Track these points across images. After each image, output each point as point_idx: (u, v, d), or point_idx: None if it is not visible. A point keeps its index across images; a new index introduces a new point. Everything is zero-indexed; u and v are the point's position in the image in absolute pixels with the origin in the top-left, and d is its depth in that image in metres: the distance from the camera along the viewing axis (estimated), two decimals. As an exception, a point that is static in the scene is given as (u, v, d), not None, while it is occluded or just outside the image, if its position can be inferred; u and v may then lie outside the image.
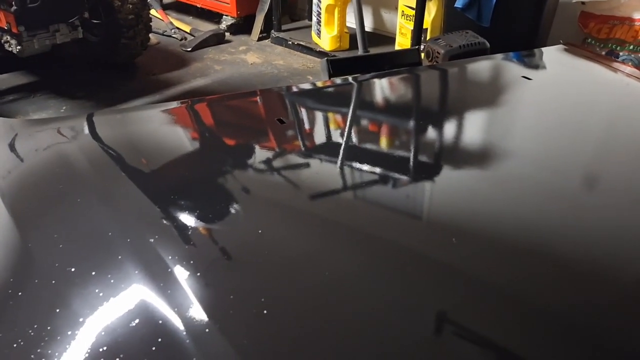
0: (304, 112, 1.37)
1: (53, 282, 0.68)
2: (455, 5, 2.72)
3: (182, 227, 0.78)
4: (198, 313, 0.62)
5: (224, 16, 4.32)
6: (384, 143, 1.19)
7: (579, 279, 0.74)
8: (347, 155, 1.08)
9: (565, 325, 0.66)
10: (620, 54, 2.81)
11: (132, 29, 3.25)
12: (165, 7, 4.87)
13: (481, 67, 1.71)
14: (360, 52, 1.68)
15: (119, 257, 0.70)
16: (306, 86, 1.62)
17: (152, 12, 4.64)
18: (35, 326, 0.63)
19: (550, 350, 0.61)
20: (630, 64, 2.74)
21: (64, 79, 3.32)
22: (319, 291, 0.68)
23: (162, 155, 1.05)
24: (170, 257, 0.70)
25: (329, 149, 1.13)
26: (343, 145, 1.13)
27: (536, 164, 1.09)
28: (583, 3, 2.97)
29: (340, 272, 0.72)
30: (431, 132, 1.25)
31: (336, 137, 1.21)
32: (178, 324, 0.61)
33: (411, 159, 1.10)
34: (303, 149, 1.11)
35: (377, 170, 1.01)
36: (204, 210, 0.83)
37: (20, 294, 0.68)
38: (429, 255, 0.78)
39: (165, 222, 0.80)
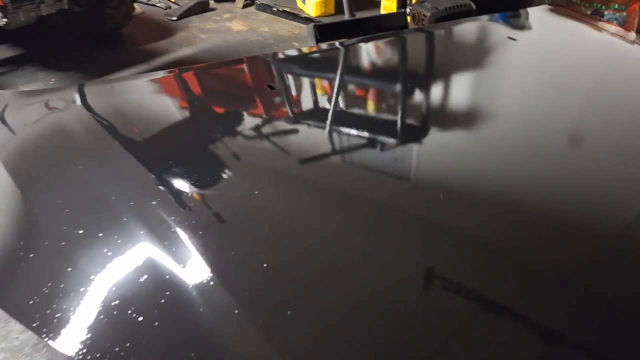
0: (293, 78, 1.39)
1: (63, 244, 0.73)
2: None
3: (182, 191, 0.82)
4: (202, 268, 0.67)
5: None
6: (373, 107, 1.22)
7: (564, 231, 0.77)
8: (338, 119, 1.11)
9: (550, 276, 0.70)
10: (605, 13, 2.83)
11: (116, 12, 3.22)
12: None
13: (466, 29, 1.73)
14: (346, 16, 1.69)
15: (124, 219, 0.75)
16: (294, 52, 1.64)
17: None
18: (49, 284, 0.67)
19: (537, 303, 0.64)
20: (615, 22, 2.77)
21: (51, 50, 3.29)
22: (314, 246, 0.73)
23: (155, 123, 1.08)
24: (172, 218, 0.74)
25: (319, 113, 1.16)
26: (334, 109, 1.16)
27: (522, 122, 1.12)
28: (568, -37, 2.97)
29: (332, 227, 0.76)
30: (418, 95, 1.29)
31: (326, 102, 1.25)
32: (184, 278, 0.65)
33: (399, 121, 1.13)
34: (294, 114, 1.14)
35: (367, 132, 1.05)
36: (201, 174, 0.86)
37: (32, 255, 0.72)
38: (417, 212, 0.81)
39: (164, 186, 0.84)
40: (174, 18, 3.91)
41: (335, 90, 1.28)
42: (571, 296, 0.66)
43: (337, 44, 1.51)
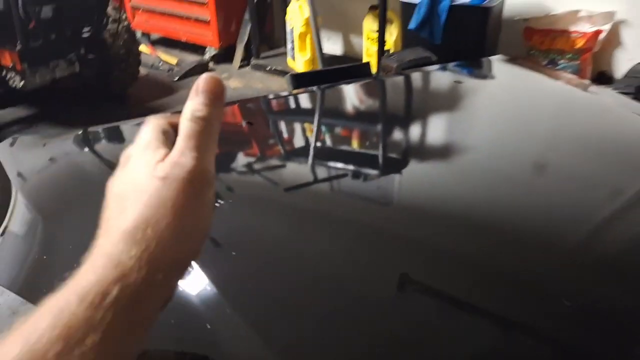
0: (272, 119, 1.66)
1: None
2: (409, 27, 3.07)
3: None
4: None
5: (207, 48, 4.66)
6: (344, 143, 1.46)
7: (524, 247, 0.88)
8: (314, 153, 1.29)
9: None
10: (560, 62, 3.16)
11: (124, 62, 3.57)
12: (153, 43, 5.22)
13: (422, 76, 2.03)
14: (320, 67, 1.99)
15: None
16: (273, 97, 1.93)
17: (142, 47, 4.99)
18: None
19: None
20: (569, 71, 3.09)
21: (62, 110, 3.62)
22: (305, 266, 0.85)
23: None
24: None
25: (297, 149, 1.38)
26: (309, 145, 1.39)
27: (485, 156, 1.25)
28: (525, 20, 3.34)
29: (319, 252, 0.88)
30: (383, 131, 1.52)
31: (301, 138, 1.49)
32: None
33: (368, 155, 1.32)
34: (275, 150, 1.37)
35: (339, 165, 1.23)
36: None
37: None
38: (393, 231, 0.94)
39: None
40: (176, 79, 4.28)
41: (309, 128, 1.54)
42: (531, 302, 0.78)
43: (312, 89, 1.80)
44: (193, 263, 0.37)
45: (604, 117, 1.60)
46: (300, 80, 1.90)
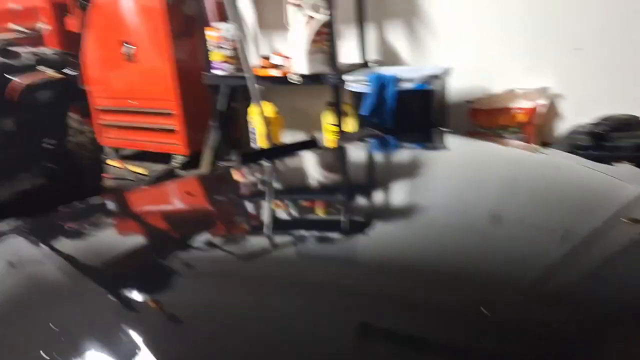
0: (221, 194, 1.71)
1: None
2: (361, 113, 3.26)
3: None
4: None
5: (174, 155, 4.80)
6: (295, 209, 1.49)
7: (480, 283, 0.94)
8: (266, 222, 1.35)
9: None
10: (505, 136, 3.34)
11: (89, 172, 3.65)
12: (123, 157, 5.36)
13: (361, 147, 2.13)
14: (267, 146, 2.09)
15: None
16: (223, 172, 1.99)
17: (110, 162, 5.11)
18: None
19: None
20: (516, 143, 3.26)
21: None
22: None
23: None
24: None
25: (251, 219, 1.43)
26: (261, 214, 1.43)
27: (441, 214, 1.31)
28: (470, 102, 3.57)
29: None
30: (329, 196, 1.58)
31: (251, 208, 1.53)
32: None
33: (321, 220, 1.38)
34: (228, 222, 1.41)
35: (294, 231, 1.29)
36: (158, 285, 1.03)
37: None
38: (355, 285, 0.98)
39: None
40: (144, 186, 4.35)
41: (257, 199, 1.58)
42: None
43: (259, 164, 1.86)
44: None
45: (552, 169, 1.70)
46: (249, 158, 1.97)
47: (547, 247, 1.13)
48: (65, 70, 3.26)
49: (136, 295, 0.99)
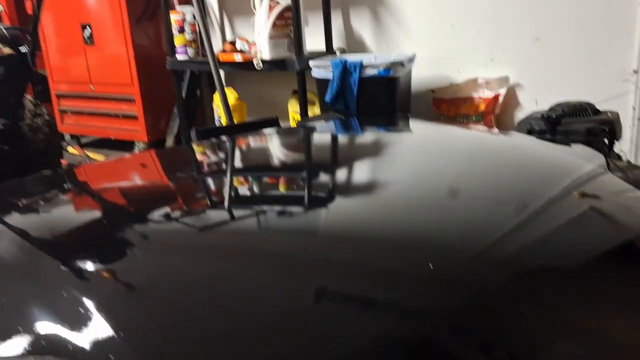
0: (175, 169, 1.67)
1: None
2: (325, 100, 3.25)
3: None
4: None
5: (136, 142, 4.70)
6: (256, 185, 1.46)
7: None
8: (227, 197, 1.32)
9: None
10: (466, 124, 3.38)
11: (43, 156, 3.53)
12: (83, 145, 5.23)
13: (321, 127, 2.12)
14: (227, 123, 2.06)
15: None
16: (178, 148, 1.95)
17: (70, 149, 4.98)
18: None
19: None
20: (477, 131, 3.30)
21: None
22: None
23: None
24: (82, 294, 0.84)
25: (208, 194, 1.40)
26: (219, 190, 1.40)
27: (403, 188, 1.33)
28: (433, 91, 3.61)
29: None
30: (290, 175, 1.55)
31: (210, 184, 1.49)
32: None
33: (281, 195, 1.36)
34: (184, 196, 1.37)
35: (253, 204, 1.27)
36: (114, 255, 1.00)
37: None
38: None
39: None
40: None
41: (217, 175, 1.55)
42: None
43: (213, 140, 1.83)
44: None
45: (513, 147, 1.73)
46: (206, 134, 1.94)
47: (499, 216, 1.16)
48: (20, 48, 3.13)
49: (87, 265, 0.96)
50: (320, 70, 3.36)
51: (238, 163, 1.65)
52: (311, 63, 3.41)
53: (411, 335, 0.79)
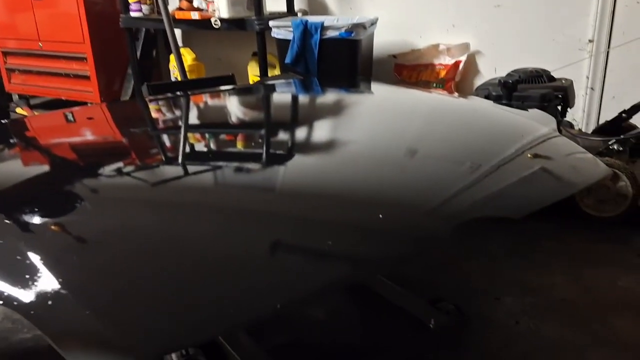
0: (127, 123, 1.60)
1: None
2: (285, 62, 3.18)
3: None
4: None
5: (88, 104, 4.51)
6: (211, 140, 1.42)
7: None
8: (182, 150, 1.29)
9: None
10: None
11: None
12: (32, 107, 4.98)
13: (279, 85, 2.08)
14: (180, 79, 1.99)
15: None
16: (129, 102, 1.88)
17: (18, 110, 4.74)
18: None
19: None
20: (437, 98, 3.32)
21: None
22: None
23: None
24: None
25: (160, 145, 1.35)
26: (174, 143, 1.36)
27: (364, 145, 1.35)
28: (394, 57, 3.59)
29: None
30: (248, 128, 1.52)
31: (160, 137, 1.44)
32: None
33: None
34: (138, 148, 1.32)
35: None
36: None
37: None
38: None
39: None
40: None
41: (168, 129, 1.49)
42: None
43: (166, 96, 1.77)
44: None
45: (472, 110, 1.76)
46: (158, 89, 1.86)
47: (454, 174, 1.17)
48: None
49: (31, 218, 0.92)
50: (281, 30, 3.28)
51: (191, 119, 1.60)
52: (271, 23, 3.32)
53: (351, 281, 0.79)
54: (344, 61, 3.17)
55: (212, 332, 0.68)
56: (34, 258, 0.77)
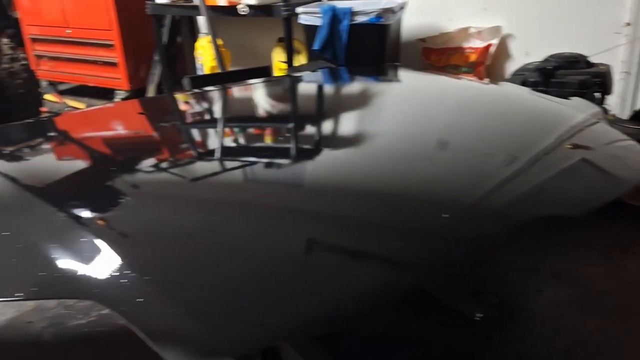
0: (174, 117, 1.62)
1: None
2: (313, 48, 3.17)
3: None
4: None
5: (116, 91, 4.56)
6: (245, 135, 1.44)
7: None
8: (221, 147, 1.31)
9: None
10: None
11: (22, 103, 3.40)
12: (61, 93, 5.05)
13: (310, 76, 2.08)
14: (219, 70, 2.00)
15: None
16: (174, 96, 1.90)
17: (48, 96, 4.81)
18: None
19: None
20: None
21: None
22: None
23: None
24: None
25: (202, 142, 1.37)
26: (214, 138, 1.37)
27: (397, 139, 1.35)
28: (423, 40, 3.54)
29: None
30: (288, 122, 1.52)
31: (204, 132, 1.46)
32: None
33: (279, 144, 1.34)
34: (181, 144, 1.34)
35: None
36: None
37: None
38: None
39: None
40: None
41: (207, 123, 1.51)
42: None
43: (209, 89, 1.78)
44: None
45: (509, 98, 1.73)
46: (199, 82, 1.88)
47: (493, 169, 1.16)
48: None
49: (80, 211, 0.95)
50: (309, 16, 3.25)
51: (236, 113, 1.61)
52: (299, 9, 3.30)
53: (403, 285, 0.80)
54: (372, 46, 3.14)
55: (303, 334, 0.70)
56: (122, 255, 0.80)
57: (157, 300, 0.73)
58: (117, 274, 0.79)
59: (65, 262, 0.82)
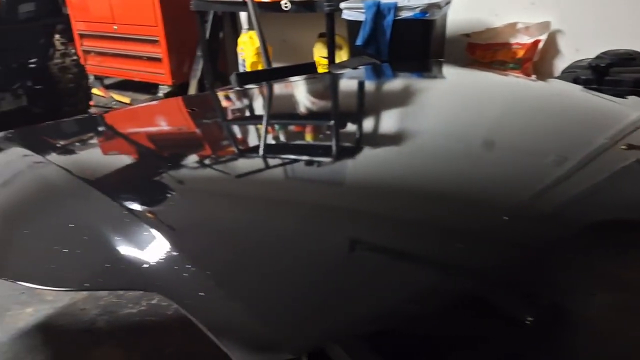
0: (223, 113, 1.65)
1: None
2: (356, 43, 3.15)
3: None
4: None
5: (160, 86, 4.66)
6: (292, 134, 1.45)
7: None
8: (268, 143, 1.33)
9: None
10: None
11: (73, 97, 3.52)
12: (107, 87, 5.20)
13: (356, 74, 2.07)
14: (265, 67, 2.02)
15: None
16: (223, 93, 1.93)
17: (94, 90, 4.96)
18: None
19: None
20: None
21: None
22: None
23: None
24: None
25: (250, 139, 1.39)
26: (260, 135, 1.40)
27: (444, 137, 1.34)
28: (468, 36, 3.48)
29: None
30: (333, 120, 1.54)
31: (251, 129, 1.48)
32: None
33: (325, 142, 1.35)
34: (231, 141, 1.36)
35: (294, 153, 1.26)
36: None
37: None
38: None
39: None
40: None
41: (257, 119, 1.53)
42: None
43: (255, 86, 1.80)
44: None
45: (563, 96, 1.70)
46: (245, 78, 1.90)
47: (544, 171, 1.14)
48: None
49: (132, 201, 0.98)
50: (352, 12, 3.24)
51: (292, 111, 1.62)
52: (342, 5, 3.29)
53: (456, 287, 0.80)
54: (416, 42, 3.10)
55: (359, 331, 0.71)
56: (183, 249, 0.82)
57: (218, 294, 0.74)
58: (178, 267, 0.81)
59: (129, 255, 0.85)
